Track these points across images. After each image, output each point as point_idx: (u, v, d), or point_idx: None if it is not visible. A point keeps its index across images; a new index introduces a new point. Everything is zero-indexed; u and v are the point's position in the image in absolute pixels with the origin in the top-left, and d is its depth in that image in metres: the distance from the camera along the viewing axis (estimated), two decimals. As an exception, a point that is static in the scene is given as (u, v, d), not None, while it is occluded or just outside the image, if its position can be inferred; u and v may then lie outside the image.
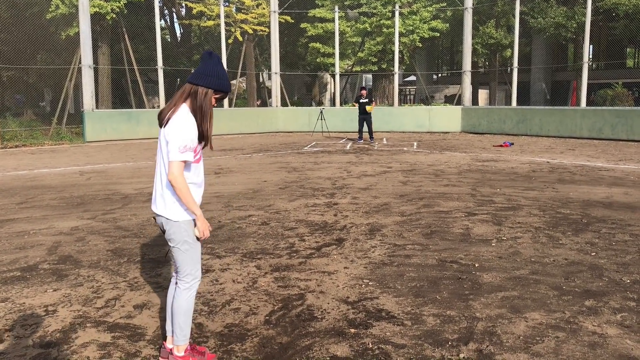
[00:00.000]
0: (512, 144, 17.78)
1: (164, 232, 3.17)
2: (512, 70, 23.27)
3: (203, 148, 3.15)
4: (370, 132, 19.36)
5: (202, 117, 3.00)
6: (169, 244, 3.16)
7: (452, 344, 3.53)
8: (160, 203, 3.11)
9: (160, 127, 3.05)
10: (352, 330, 3.74)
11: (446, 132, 23.43)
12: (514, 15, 24.01)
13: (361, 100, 19.04)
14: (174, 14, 36.56)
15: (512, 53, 23.95)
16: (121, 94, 27.35)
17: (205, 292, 4.51)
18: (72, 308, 4.19)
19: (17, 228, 6.80)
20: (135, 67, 23.28)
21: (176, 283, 3.25)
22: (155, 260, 5.40)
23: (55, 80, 23.38)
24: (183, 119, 2.96)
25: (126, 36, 23.49)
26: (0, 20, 20.84)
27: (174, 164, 2.93)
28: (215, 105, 3.13)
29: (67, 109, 21.28)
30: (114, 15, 22.50)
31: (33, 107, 29.20)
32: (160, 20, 27.13)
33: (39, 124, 22.82)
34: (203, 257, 5.47)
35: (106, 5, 22.02)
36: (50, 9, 21.40)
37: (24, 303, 4.31)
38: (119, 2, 22.26)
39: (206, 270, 5.06)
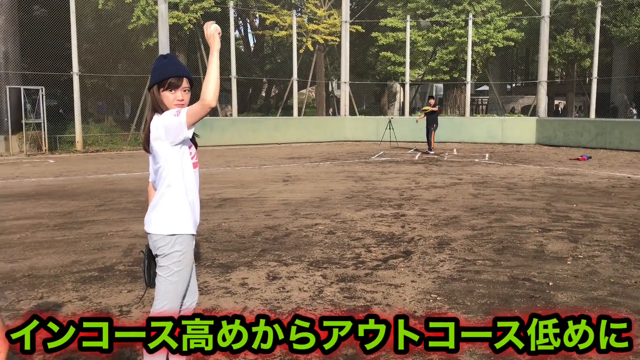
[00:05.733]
0: (590, 157, 17.04)
1: (152, 258, 2.87)
2: (590, 80, 22.35)
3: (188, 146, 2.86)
4: (428, 141, 18.77)
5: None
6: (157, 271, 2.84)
7: (523, 365, 3.40)
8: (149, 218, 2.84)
9: (146, 150, 2.89)
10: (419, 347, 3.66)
11: (520, 144, 22.75)
12: (594, 24, 23.10)
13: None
14: (248, 24, 37.47)
15: (592, 63, 23.00)
16: (195, 101, 28.26)
17: (272, 299, 4.56)
18: (145, 309, 4.33)
19: (96, 230, 7.12)
20: (210, 76, 23.92)
21: None
22: (225, 265, 5.50)
23: (134, 88, 24.42)
24: (158, 117, 2.78)
25: (202, 46, 24.25)
26: (86, 31, 21.98)
27: (190, 112, 2.63)
28: (182, 100, 2.80)
29: (145, 115, 22.16)
30: (191, 26, 23.30)
31: (113, 113, 30.59)
32: (235, 30, 27.83)
33: (119, 129, 23.88)
34: (270, 264, 5.53)
35: (184, 16, 22.86)
36: (132, 20, 22.42)
37: (100, 302, 4.49)
38: (196, 13, 23.05)
39: (273, 277, 5.12)
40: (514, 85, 47.82)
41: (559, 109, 34.23)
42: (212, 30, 2.67)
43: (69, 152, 19.38)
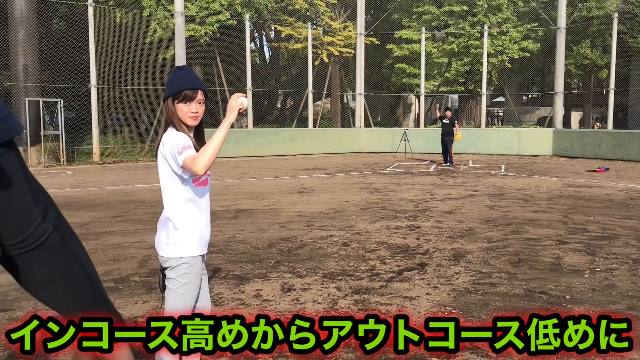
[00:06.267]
0: (608, 169, 16.87)
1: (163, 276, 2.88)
2: (608, 91, 22.18)
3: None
4: (449, 155, 18.67)
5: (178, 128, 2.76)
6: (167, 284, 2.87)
7: (540, 380, 3.35)
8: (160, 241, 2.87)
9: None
10: (434, 359, 3.63)
11: (536, 156, 22.60)
12: (610, 35, 22.95)
13: (444, 121, 18.57)
14: (263, 36, 37.74)
15: (609, 74, 22.83)
16: (211, 113, 28.53)
17: (286, 310, 4.55)
18: (160, 320, 4.34)
19: (112, 241, 7.17)
20: (226, 88, 24.18)
21: None
22: (239, 277, 5.51)
23: (151, 100, 24.69)
24: (171, 133, 2.76)
25: (218, 58, 24.49)
26: (104, 44, 22.30)
27: (185, 163, 2.62)
28: (197, 112, 2.76)
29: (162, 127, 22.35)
30: (208, 39, 23.53)
31: (130, 125, 30.92)
32: (251, 43, 28.06)
33: (135, 141, 24.11)
34: (285, 276, 5.53)
35: (200, 29, 23.09)
36: (149, 34, 22.70)
37: (115, 313, 4.51)
38: (212, 26, 23.29)
39: (288, 289, 5.11)
40: (530, 96, 47.55)
41: (582, 122, 33.31)
42: (236, 103, 2.65)
43: (87, 163, 19.61)
